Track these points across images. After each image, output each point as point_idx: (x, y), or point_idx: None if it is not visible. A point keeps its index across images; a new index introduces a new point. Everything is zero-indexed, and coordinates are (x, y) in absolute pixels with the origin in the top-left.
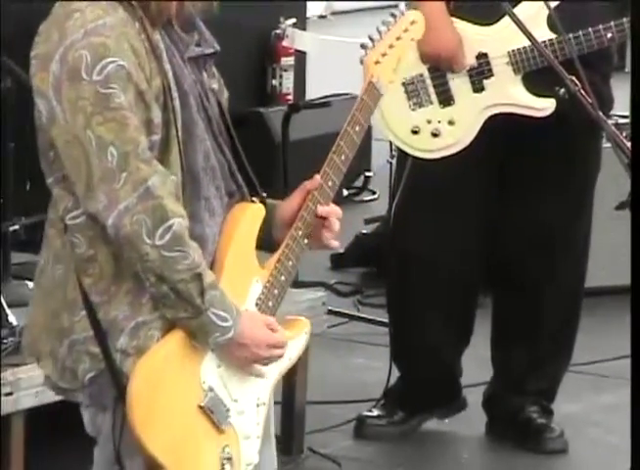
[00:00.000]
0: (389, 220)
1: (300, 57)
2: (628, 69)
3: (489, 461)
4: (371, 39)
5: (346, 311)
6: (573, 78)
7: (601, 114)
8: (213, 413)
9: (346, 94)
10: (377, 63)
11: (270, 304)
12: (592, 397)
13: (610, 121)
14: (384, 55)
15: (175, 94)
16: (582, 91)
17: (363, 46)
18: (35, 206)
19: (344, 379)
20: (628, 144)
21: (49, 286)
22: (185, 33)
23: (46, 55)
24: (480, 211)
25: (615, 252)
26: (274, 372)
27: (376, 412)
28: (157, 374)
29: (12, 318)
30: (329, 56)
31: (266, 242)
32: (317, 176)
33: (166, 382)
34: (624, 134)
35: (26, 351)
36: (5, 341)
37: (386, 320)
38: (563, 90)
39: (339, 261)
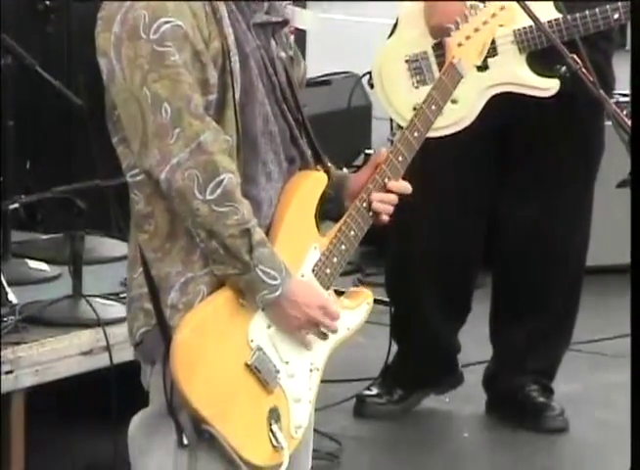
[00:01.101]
0: None
1: (300, 35)
2: (629, 47)
3: (489, 440)
4: (456, 22)
5: (346, 290)
6: (574, 57)
7: (602, 92)
8: (261, 372)
9: (347, 72)
10: (460, 45)
11: (328, 271)
12: (592, 375)
13: (610, 100)
14: (468, 38)
15: (235, 58)
16: (583, 69)
17: (447, 29)
18: (35, 184)
19: (344, 357)
20: (629, 122)
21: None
22: (254, 1)
23: (109, 16)
24: (482, 189)
25: (615, 230)
26: (331, 339)
27: (375, 391)
28: (202, 329)
29: (12, 297)
30: (329, 34)
31: (335, 213)
32: (383, 149)
33: (212, 337)
34: (625, 112)
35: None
36: (5, 319)
37: (385, 299)
38: (564, 68)
39: None
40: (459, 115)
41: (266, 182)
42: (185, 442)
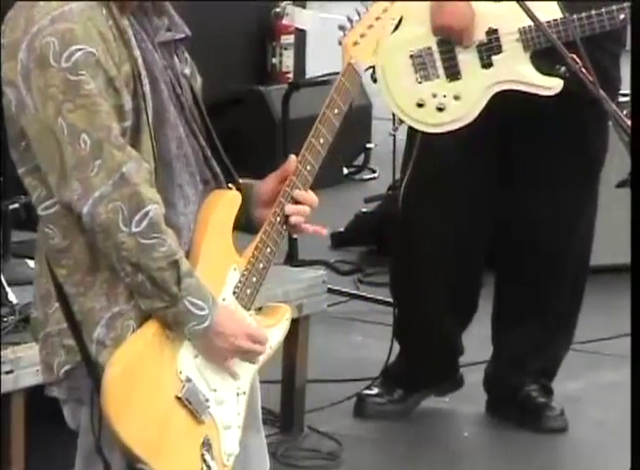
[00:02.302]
0: (390, 197)
1: (300, 35)
2: (629, 47)
3: (490, 439)
4: (349, 20)
5: (346, 290)
6: (574, 57)
7: (602, 92)
8: (191, 404)
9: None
10: (355, 44)
11: (248, 291)
12: (592, 375)
13: (614, 101)
14: (362, 36)
15: (145, 80)
16: (583, 69)
17: (341, 28)
18: None
19: (344, 357)
20: (629, 122)
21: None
22: (157, 17)
23: (14, 43)
24: (487, 189)
25: (615, 230)
26: (256, 362)
27: (375, 390)
28: (132, 365)
29: (12, 297)
30: (329, 34)
31: (243, 222)
32: (293, 157)
33: (142, 373)
34: (625, 112)
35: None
36: (5, 319)
37: (386, 298)
38: (563, 68)
39: (339, 240)
40: (462, 111)
41: (184, 206)
42: None
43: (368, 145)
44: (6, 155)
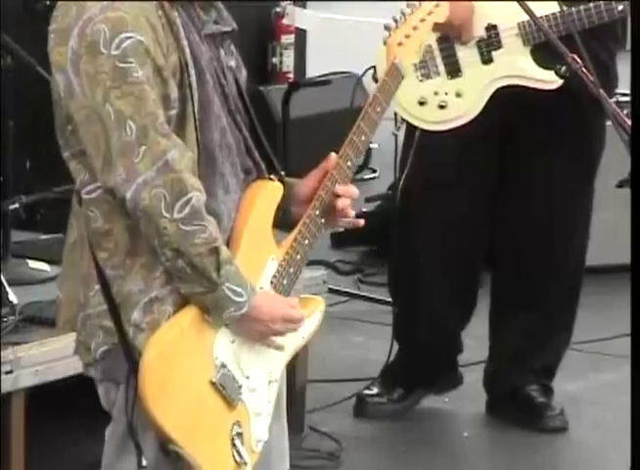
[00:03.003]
0: (392, 198)
1: (301, 35)
2: (629, 47)
3: (489, 439)
4: (395, 21)
5: (347, 290)
6: (575, 56)
7: (602, 91)
8: (225, 389)
9: (346, 72)
10: (400, 44)
11: (285, 282)
12: (592, 375)
13: (611, 99)
14: (407, 37)
15: (192, 71)
16: (583, 69)
17: (387, 27)
18: (35, 184)
19: (345, 357)
20: (629, 122)
21: (79, 261)
22: (203, 11)
23: (64, 29)
24: (487, 185)
25: (615, 230)
26: (287, 349)
27: (375, 390)
28: (170, 349)
29: (12, 297)
30: (329, 34)
31: (282, 220)
32: (333, 155)
33: (179, 357)
34: (625, 112)
35: (63, 327)
36: (5, 319)
37: (386, 298)
38: (564, 68)
39: (339, 240)
40: (464, 108)
41: (224, 195)
42: (144, 463)
43: (370, 145)
44: (6, 155)
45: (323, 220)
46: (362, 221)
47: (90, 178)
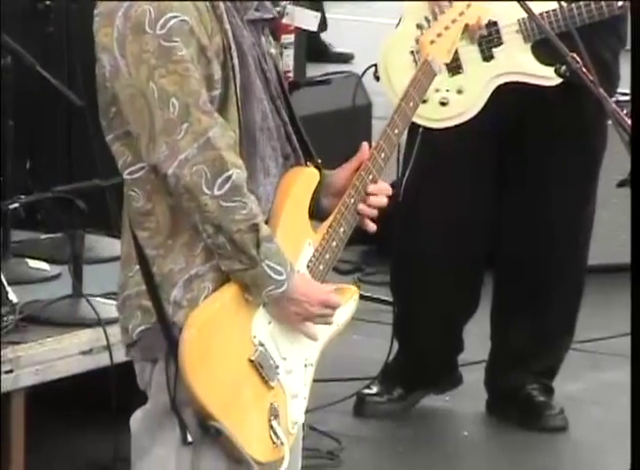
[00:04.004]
0: (394, 194)
1: (301, 34)
2: (629, 46)
3: (489, 439)
4: (427, 20)
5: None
6: (574, 56)
7: (602, 90)
8: (263, 368)
9: (346, 72)
10: (432, 42)
11: (321, 267)
12: (592, 374)
13: (612, 98)
14: (439, 35)
15: (234, 53)
16: (583, 68)
17: (419, 26)
18: (35, 184)
19: (344, 356)
20: (629, 121)
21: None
22: None
23: (110, 11)
24: (487, 185)
25: (615, 230)
26: (323, 335)
27: (375, 389)
28: (209, 326)
29: (12, 296)
30: (329, 34)
31: (314, 209)
32: (366, 145)
33: (219, 334)
34: (625, 111)
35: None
36: (5, 319)
37: (386, 298)
38: (564, 67)
39: None
40: (465, 105)
41: (264, 178)
42: (189, 439)
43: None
44: (6, 155)
45: (360, 207)
46: (374, 227)
47: (133, 159)
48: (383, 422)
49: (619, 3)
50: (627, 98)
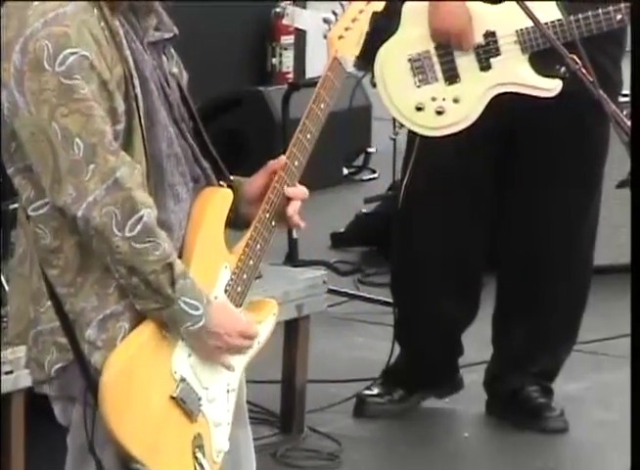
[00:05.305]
0: (391, 199)
1: (300, 35)
2: (629, 48)
3: (490, 440)
4: (334, 14)
5: (347, 290)
6: (574, 57)
7: (602, 92)
8: (186, 403)
9: (346, 73)
10: (340, 37)
11: (239, 289)
12: (592, 375)
13: (614, 102)
14: (347, 29)
15: (136, 81)
16: (583, 70)
17: (326, 21)
18: None
19: (345, 357)
20: (628, 123)
21: (24, 273)
22: (144, 17)
23: (6, 45)
24: (487, 190)
25: (615, 230)
26: (241, 362)
27: (375, 390)
28: (129, 367)
29: None
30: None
31: (231, 219)
32: (282, 156)
33: (138, 375)
34: (625, 113)
35: (13, 340)
36: (5, 319)
37: (386, 299)
38: (563, 69)
39: (339, 240)
40: (462, 114)
41: (175, 205)
42: None
43: (369, 149)
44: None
45: (274, 223)
46: (303, 224)
47: (36, 195)
48: (383, 423)
49: (618, 17)
50: (627, 99)
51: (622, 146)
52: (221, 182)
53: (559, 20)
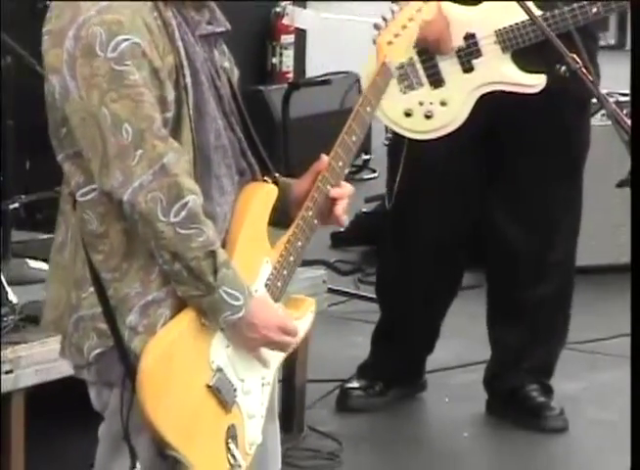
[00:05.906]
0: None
1: (300, 35)
2: (629, 47)
3: (489, 439)
4: (384, 19)
5: (347, 290)
6: (574, 56)
7: (602, 91)
8: (221, 393)
9: (346, 72)
10: (390, 43)
11: (279, 284)
12: (592, 375)
13: (610, 99)
14: (396, 36)
15: (187, 71)
16: (583, 69)
17: (376, 26)
18: (35, 184)
19: (345, 357)
20: (628, 122)
21: (67, 262)
22: (196, 11)
23: (59, 31)
24: (475, 188)
25: (615, 229)
26: (276, 359)
27: (356, 383)
28: (168, 354)
29: (12, 296)
30: (328, 34)
31: (281, 220)
32: (325, 157)
33: (177, 361)
34: (625, 112)
35: (47, 327)
36: (5, 319)
37: None
38: (563, 68)
39: (339, 240)
40: (450, 116)
41: (220, 196)
42: (138, 467)
43: (365, 157)
44: (6, 155)
45: (316, 222)
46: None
47: (85, 180)
48: (383, 423)
49: (594, 10)
50: (627, 99)
51: (622, 146)
52: (266, 178)
53: (530, 20)
